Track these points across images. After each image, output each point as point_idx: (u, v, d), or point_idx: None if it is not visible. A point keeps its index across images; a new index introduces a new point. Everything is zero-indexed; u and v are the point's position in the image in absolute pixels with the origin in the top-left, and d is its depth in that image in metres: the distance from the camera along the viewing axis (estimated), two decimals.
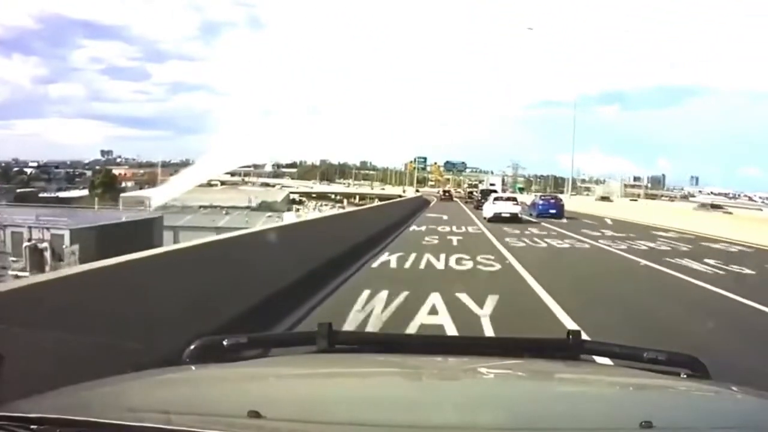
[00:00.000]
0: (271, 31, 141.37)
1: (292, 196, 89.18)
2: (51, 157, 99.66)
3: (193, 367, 1.59)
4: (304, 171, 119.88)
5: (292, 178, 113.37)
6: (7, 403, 1.18)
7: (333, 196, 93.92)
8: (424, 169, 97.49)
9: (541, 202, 29.81)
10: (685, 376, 1.63)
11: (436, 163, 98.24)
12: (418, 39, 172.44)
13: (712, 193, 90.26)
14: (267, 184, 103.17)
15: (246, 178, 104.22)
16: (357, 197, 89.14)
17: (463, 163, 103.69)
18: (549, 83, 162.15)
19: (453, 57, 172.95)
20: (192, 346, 1.66)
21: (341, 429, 1.16)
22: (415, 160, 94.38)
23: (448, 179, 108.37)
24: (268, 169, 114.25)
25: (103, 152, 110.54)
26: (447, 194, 65.10)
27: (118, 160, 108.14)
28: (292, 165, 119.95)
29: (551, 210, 28.24)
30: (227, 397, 1.38)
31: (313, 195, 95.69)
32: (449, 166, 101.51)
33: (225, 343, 1.66)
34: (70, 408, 1.18)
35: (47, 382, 1.35)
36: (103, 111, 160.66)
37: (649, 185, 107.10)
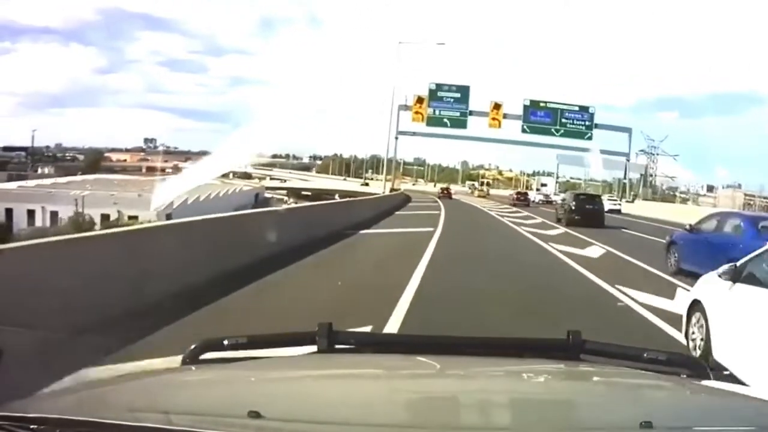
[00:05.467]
0: (328, 29, 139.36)
1: (270, 193, 66.13)
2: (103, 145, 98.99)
3: (194, 368, 1.60)
4: (326, 164, 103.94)
5: (317, 172, 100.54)
6: (7, 403, 1.19)
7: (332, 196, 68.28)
8: (464, 118, 46.45)
9: None
10: (684, 376, 1.64)
11: (495, 103, 45.33)
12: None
13: None
14: (247, 175, 78.91)
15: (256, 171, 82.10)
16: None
17: (587, 108, 46.70)
18: (605, 87, 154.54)
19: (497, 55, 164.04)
20: (192, 347, 1.65)
21: (341, 429, 1.17)
22: (430, 92, 46.02)
23: (513, 177, 70.70)
24: (305, 160, 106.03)
25: (146, 140, 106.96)
26: (446, 192, 52.42)
27: (159, 148, 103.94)
28: (328, 157, 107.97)
29: None
30: (227, 398, 1.38)
31: (305, 192, 68.33)
32: (536, 118, 46.50)
33: (225, 343, 1.66)
34: (70, 408, 1.18)
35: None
36: (162, 102, 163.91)
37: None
